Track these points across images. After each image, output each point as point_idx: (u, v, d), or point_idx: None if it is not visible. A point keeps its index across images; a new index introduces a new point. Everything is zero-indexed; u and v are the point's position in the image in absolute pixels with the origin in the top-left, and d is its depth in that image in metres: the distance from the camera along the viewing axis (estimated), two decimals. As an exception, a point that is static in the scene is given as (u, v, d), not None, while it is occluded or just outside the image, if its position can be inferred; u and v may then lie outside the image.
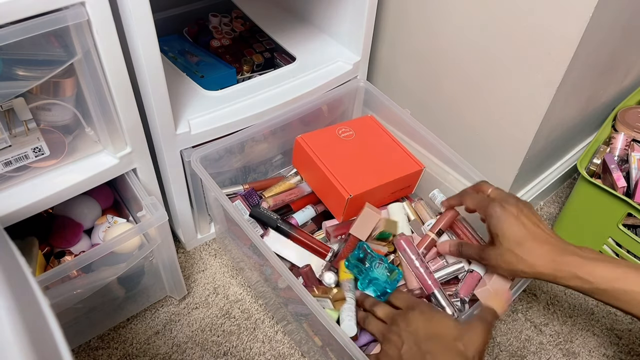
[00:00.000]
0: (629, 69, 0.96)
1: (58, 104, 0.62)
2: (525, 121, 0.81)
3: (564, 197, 1.10)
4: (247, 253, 0.82)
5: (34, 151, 0.63)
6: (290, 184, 0.87)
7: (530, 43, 0.73)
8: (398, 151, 0.85)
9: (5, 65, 0.55)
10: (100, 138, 0.69)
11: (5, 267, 0.35)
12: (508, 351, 0.85)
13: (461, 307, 0.70)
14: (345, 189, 0.76)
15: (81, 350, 0.81)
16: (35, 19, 0.51)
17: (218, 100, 0.81)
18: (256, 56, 0.99)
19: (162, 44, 0.68)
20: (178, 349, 0.82)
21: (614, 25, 0.74)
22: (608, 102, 1.01)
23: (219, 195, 0.73)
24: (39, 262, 0.72)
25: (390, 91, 1.01)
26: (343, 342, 0.60)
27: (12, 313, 0.31)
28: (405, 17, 0.91)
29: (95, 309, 0.77)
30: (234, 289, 0.90)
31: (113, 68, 0.60)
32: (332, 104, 0.91)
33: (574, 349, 0.86)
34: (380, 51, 1.01)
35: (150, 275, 0.80)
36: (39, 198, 0.65)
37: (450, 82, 0.90)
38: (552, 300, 0.92)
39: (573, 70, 0.73)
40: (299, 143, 0.82)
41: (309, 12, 0.99)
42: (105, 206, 0.83)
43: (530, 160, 0.88)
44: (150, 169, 0.76)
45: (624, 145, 0.94)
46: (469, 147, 0.92)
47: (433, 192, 0.81)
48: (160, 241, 0.74)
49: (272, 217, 0.77)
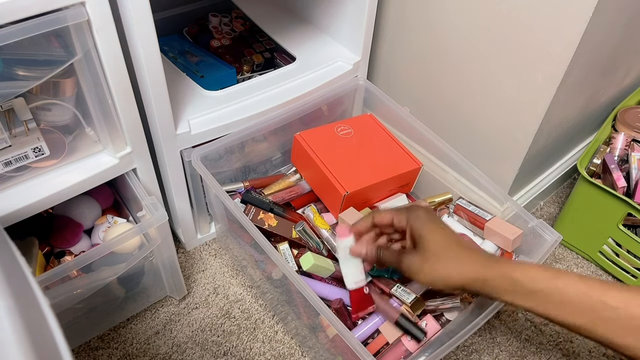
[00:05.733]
0: (629, 69, 0.96)
1: (58, 104, 0.62)
2: (525, 121, 0.81)
3: (564, 197, 1.10)
4: (249, 251, 0.82)
5: (34, 151, 0.63)
6: (290, 182, 0.87)
7: (530, 43, 0.73)
8: (396, 149, 0.85)
9: (5, 65, 0.55)
10: (100, 138, 0.69)
11: (5, 267, 0.35)
12: (508, 351, 0.85)
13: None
14: (342, 186, 0.76)
15: (81, 350, 0.81)
16: (35, 19, 0.51)
17: (218, 100, 0.81)
18: (256, 56, 0.99)
19: (162, 44, 0.69)
20: (178, 349, 0.82)
21: (614, 25, 0.74)
22: (608, 102, 1.01)
23: (219, 192, 0.73)
24: (39, 262, 0.72)
25: (390, 91, 1.01)
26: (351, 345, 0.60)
27: (12, 313, 0.31)
28: (405, 17, 0.91)
29: (95, 309, 0.77)
30: (234, 289, 0.90)
31: (113, 68, 0.60)
32: (332, 104, 0.91)
33: (574, 349, 0.86)
34: (380, 51, 1.01)
35: (150, 275, 0.80)
36: (39, 198, 0.65)
37: (450, 82, 0.90)
38: (552, 300, 0.92)
39: (573, 70, 0.73)
40: (297, 140, 0.83)
41: (309, 12, 0.99)
42: (105, 206, 0.83)
43: (530, 160, 0.88)
44: (150, 169, 0.76)
45: (624, 145, 0.94)
46: (468, 147, 0.92)
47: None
48: (160, 241, 0.74)
49: (265, 201, 0.78)
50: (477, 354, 0.84)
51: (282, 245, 0.76)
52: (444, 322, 0.73)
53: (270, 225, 0.77)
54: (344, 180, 0.77)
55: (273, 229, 0.77)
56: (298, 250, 0.78)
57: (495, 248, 0.76)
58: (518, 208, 0.75)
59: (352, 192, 0.76)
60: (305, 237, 0.76)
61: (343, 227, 0.66)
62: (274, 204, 0.79)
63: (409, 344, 0.67)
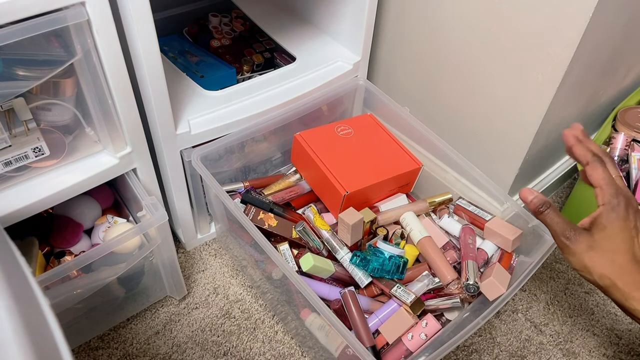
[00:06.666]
0: (629, 69, 0.96)
1: (58, 104, 0.62)
2: (525, 121, 0.81)
3: (564, 197, 1.10)
4: (249, 251, 0.82)
5: (34, 151, 0.63)
6: (290, 182, 0.87)
7: (530, 43, 0.73)
8: (396, 149, 0.85)
9: (5, 65, 0.55)
10: (100, 138, 0.69)
11: (5, 267, 0.35)
12: (508, 351, 0.85)
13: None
14: (342, 186, 0.76)
15: (81, 350, 0.81)
16: (35, 19, 0.51)
17: (218, 100, 0.81)
18: (256, 56, 0.99)
19: (162, 44, 0.69)
20: (178, 349, 0.82)
21: (614, 26, 0.74)
22: (608, 102, 1.01)
23: (219, 192, 0.73)
24: (39, 262, 0.72)
25: (390, 91, 1.01)
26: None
27: (12, 313, 0.31)
28: (405, 17, 0.91)
29: (95, 309, 0.77)
30: (234, 289, 0.90)
31: (113, 68, 0.60)
32: (332, 104, 0.91)
33: (574, 349, 0.86)
34: (380, 51, 1.01)
35: (150, 275, 0.80)
36: (39, 198, 0.65)
37: (450, 82, 0.90)
38: (552, 300, 0.92)
39: (573, 70, 0.73)
40: (297, 140, 0.83)
41: (309, 12, 0.99)
42: (105, 206, 0.83)
43: (530, 160, 0.88)
44: (150, 169, 0.76)
45: (624, 145, 0.94)
46: (468, 147, 0.92)
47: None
48: (160, 241, 0.74)
49: (265, 201, 0.78)
50: (477, 354, 0.84)
51: (282, 245, 0.76)
52: (444, 322, 0.73)
53: (270, 226, 0.77)
54: (344, 180, 0.77)
55: (273, 229, 0.77)
56: (298, 250, 0.78)
57: (495, 248, 0.76)
58: (518, 208, 0.75)
59: (352, 192, 0.76)
60: (305, 238, 0.76)
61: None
62: (274, 204, 0.79)
63: (409, 344, 0.67)
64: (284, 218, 0.79)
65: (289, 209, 0.83)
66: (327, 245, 0.76)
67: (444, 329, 0.68)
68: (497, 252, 0.76)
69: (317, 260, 0.71)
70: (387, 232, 0.80)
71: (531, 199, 0.59)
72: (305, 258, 0.70)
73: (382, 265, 0.71)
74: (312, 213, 0.78)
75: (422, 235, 0.76)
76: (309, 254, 0.71)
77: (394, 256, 0.72)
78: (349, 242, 0.74)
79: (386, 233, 0.80)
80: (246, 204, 0.78)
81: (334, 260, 0.75)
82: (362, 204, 0.81)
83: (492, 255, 0.76)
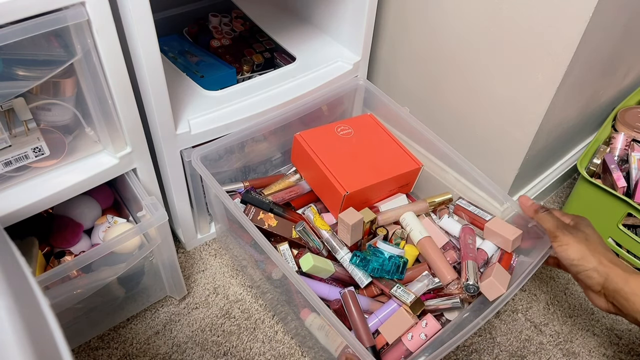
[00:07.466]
0: (629, 69, 0.96)
1: (58, 104, 0.62)
2: (525, 121, 0.81)
3: (564, 197, 1.10)
4: (249, 251, 0.82)
5: (34, 151, 0.63)
6: (290, 182, 0.87)
7: (530, 43, 0.73)
8: (397, 149, 0.85)
9: (5, 65, 0.55)
10: (100, 138, 0.69)
11: (5, 267, 0.35)
12: (508, 351, 0.85)
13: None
14: (342, 186, 0.76)
15: (81, 350, 0.81)
16: (35, 19, 0.51)
17: (218, 100, 0.81)
18: (256, 56, 0.99)
19: (162, 44, 0.69)
20: (178, 349, 0.82)
21: (614, 26, 0.74)
22: (608, 102, 1.01)
23: (219, 192, 0.73)
24: (39, 262, 0.72)
25: (390, 92, 1.01)
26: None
27: (12, 313, 0.31)
28: (405, 17, 0.91)
29: (95, 309, 0.77)
30: (234, 289, 0.90)
31: (113, 68, 0.60)
32: (332, 104, 0.91)
33: (574, 349, 0.86)
34: (380, 51, 1.01)
35: (150, 275, 0.80)
36: (39, 198, 0.65)
37: (450, 82, 0.90)
38: (552, 300, 0.92)
39: (573, 70, 0.73)
40: (297, 140, 0.83)
41: (309, 12, 0.99)
42: (105, 206, 0.83)
43: (530, 160, 0.88)
44: (150, 169, 0.76)
45: (624, 145, 0.94)
46: (469, 147, 0.92)
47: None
48: (160, 241, 0.74)
49: (265, 201, 0.78)
50: (477, 354, 0.84)
51: (282, 245, 0.76)
52: (444, 322, 0.73)
53: (270, 226, 0.77)
54: (344, 181, 0.77)
55: (273, 229, 0.77)
56: (298, 250, 0.78)
57: (495, 248, 0.76)
58: (518, 208, 0.75)
59: (352, 192, 0.76)
60: (305, 238, 0.76)
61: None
62: (274, 204, 0.79)
63: (409, 344, 0.67)
64: (284, 218, 0.79)
65: (289, 209, 0.83)
66: (327, 245, 0.76)
67: (444, 329, 0.68)
68: (497, 252, 0.76)
69: (317, 260, 0.71)
70: (387, 232, 0.80)
71: (530, 204, 0.70)
72: (305, 258, 0.70)
73: (382, 265, 0.71)
74: (312, 213, 0.78)
75: (422, 236, 0.76)
76: (308, 254, 0.71)
77: (394, 256, 0.72)
78: (348, 242, 0.74)
79: (386, 233, 0.80)
80: (246, 204, 0.78)
81: (334, 260, 0.75)
82: (362, 204, 0.81)
83: (492, 255, 0.76)
